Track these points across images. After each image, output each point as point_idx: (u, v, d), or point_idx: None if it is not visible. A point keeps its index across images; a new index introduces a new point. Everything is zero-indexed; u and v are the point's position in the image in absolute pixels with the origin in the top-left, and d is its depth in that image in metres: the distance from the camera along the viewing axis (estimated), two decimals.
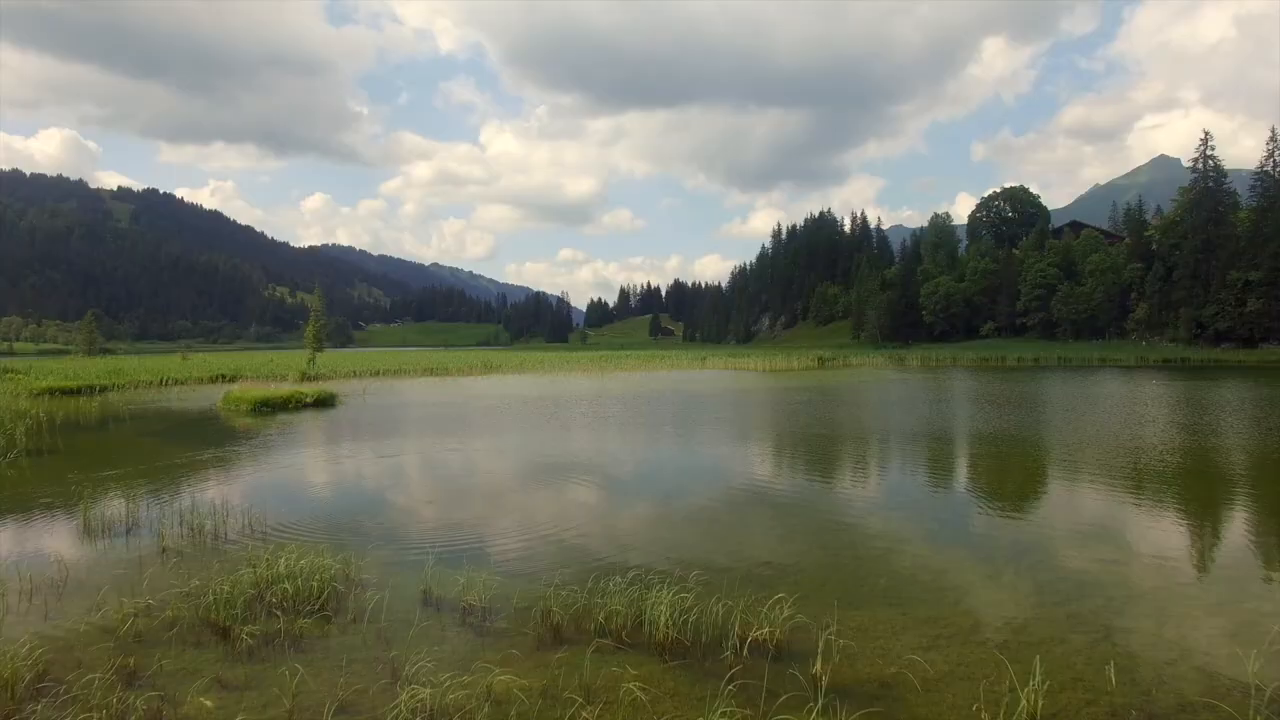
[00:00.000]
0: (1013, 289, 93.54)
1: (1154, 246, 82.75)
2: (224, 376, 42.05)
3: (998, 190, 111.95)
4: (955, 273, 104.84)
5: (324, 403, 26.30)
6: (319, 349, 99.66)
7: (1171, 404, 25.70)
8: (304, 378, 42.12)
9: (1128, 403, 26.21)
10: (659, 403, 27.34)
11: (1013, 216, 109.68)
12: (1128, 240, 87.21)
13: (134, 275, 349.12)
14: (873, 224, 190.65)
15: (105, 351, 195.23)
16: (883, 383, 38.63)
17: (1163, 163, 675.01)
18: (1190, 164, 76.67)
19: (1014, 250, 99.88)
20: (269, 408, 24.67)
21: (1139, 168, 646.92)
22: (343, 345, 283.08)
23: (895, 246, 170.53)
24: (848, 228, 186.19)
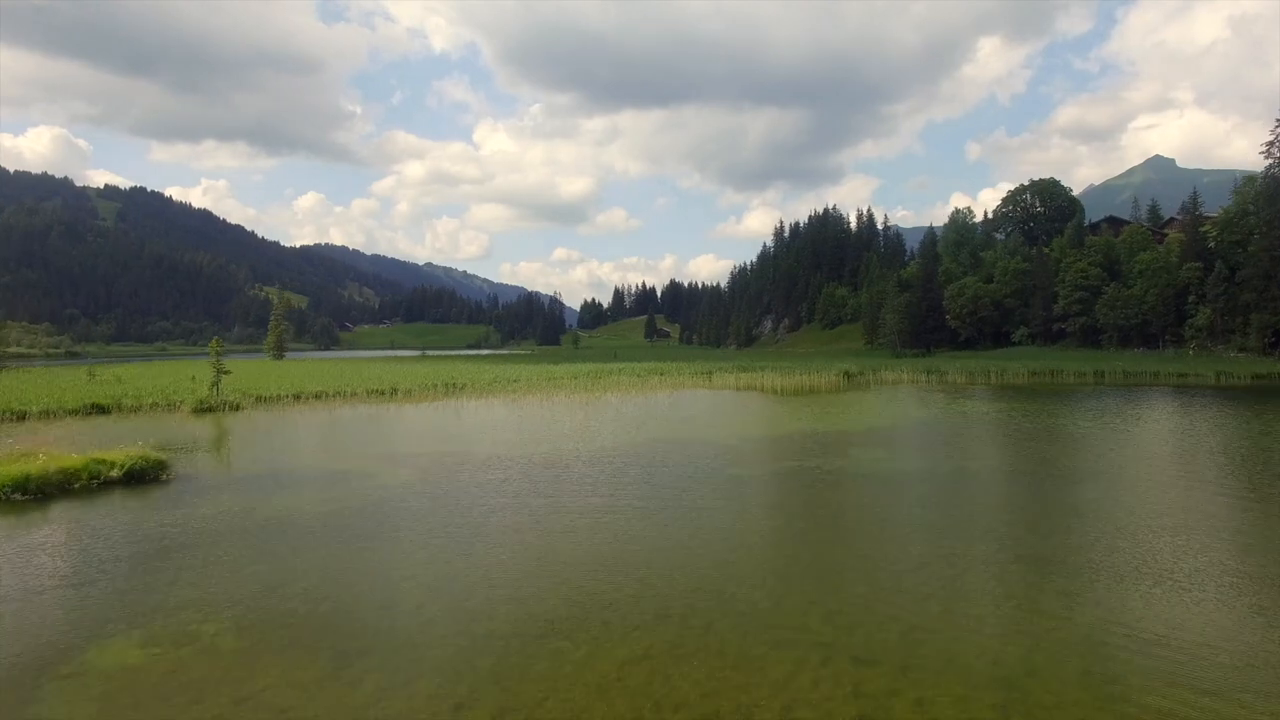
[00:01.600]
0: (1049, 291, 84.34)
1: (1211, 244, 73.67)
2: (99, 406, 32.44)
3: (1025, 183, 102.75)
4: (981, 273, 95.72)
5: (140, 476, 16.73)
6: (277, 357, 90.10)
7: None
8: (200, 408, 32.55)
9: None
10: (671, 485, 17.87)
11: (1041, 211, 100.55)
12: (1181, 236, 78.08)
13: (113, 275, 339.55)
14: (879, 222, 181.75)
15: (71, 355, 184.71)
16: (972, 419, 29.15)
17: (1157, 163, 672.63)
18: (1263, 149, 67.60)
19: (1047, 248, 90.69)
20: (28, 493, 15.08)
21: (1133, 168, 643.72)
22: (327, 347, 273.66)
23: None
24: (854, 225, 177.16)
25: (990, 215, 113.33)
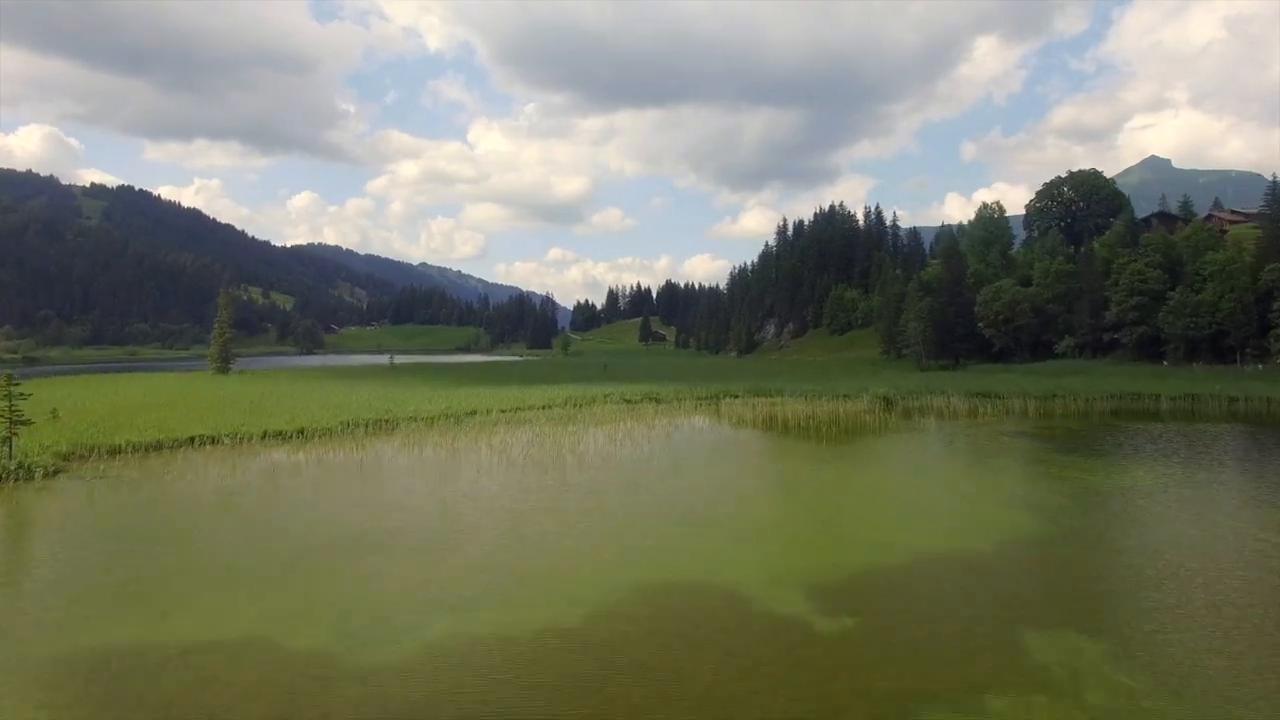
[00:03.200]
0: (1097, 295, 74.07)
1: None
2: None
3: (1062, 175, 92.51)
4: (1015, 274, 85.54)
5: None
6: (223, 368, 79.23)
7: None
8: None
9: None
10: None
11: (1082, 207, 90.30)
12: (1256, 232, 67.92)
13: (92, 275, 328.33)
14: (887, 220, 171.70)
15: (30, 361, 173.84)
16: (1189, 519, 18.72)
17: (1154, 163, 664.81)
18: None
19: (1092, 247, 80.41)
20: None
21: (1130, 168, 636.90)
22: (309, 351, 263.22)
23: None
24: (862, 223, 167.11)
25: (1000, 210, 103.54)
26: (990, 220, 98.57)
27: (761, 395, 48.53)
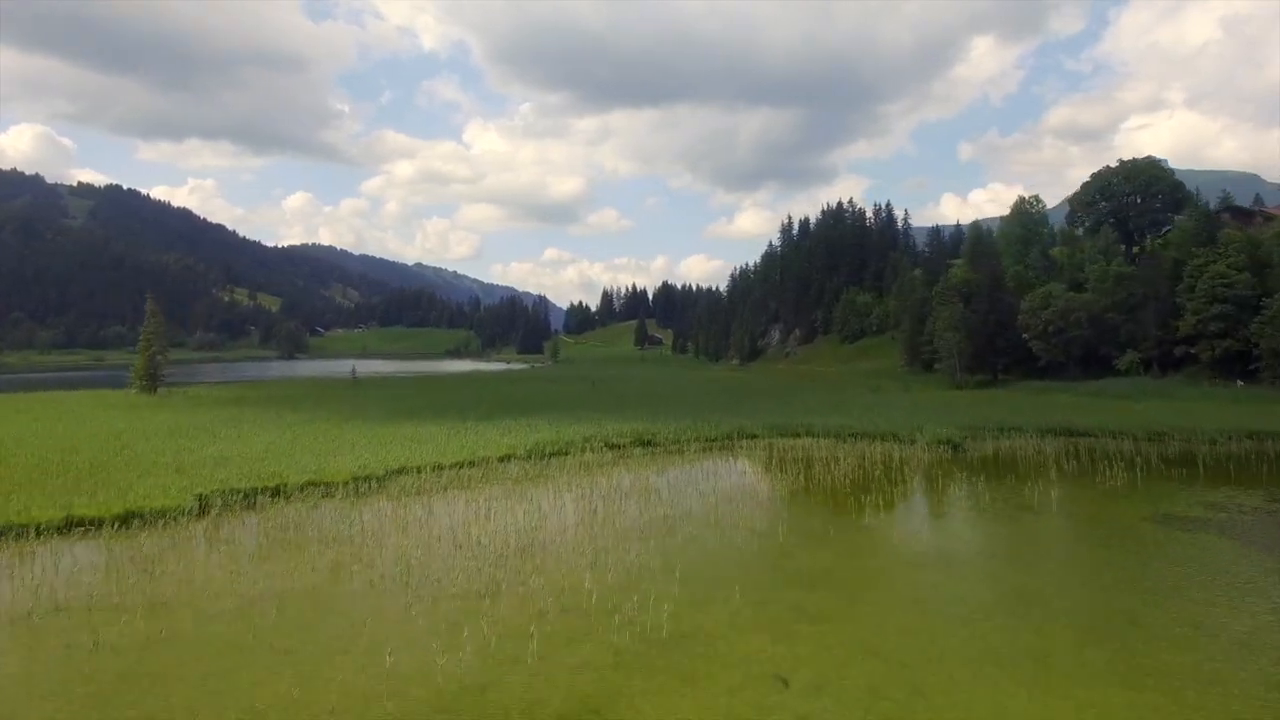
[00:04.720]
0: (1166, 303, 63.67)
1: None
2: None
3: (1112, 165, 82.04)
4: (1061, 277, 75.17)
5: None
6: (148, 388, 68.22)
7: None
8: None
9: None
10: None
11: (1136, 201, 79.79)
12: None
13: (69, 276, 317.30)
14: (898, 219, 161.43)
15: None
16: None
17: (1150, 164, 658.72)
18: None
19: (1157, 246, 70.04)
20: None
21: None
22: (290, 356, 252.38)
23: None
24: (872, 221, 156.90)
25: (1040, 206, 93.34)
26: (1029, 217, 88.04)
27: (786, 435, 37.85)
